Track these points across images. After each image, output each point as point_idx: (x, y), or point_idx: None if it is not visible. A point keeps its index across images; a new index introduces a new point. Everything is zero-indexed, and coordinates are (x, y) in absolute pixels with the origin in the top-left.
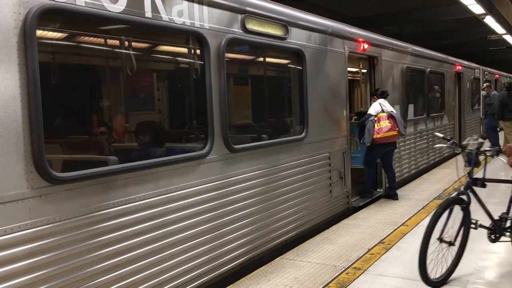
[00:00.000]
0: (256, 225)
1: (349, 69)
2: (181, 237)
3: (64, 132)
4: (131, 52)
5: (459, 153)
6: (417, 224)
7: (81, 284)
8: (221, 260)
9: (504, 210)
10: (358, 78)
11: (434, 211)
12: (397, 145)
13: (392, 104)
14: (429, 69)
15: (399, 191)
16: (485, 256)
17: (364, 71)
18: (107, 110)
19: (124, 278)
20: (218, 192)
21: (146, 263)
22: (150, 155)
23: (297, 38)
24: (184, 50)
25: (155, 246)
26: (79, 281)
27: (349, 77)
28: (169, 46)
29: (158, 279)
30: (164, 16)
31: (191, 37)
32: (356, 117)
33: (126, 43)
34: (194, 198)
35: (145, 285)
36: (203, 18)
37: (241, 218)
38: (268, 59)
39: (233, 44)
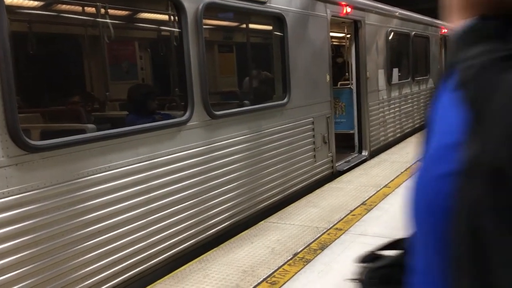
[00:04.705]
0: (240, 190)
1: (334, 34)
2: (165, 203)
3: (43, 102)
4: (108, 20)
5: None
6: (399, 186)
7: (62, 250)
8: (206, 224)
9: None
10: (345, 43)
11: None
12: (382, 109)
13: (377, 69)
14: (413, 33)
15: (383, 155)
16: None
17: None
18: (83, 78)
19: (107, 243)
20: (201, 158)
21: (130, 228)
22: (130, 122)
23: (277, 2)
24: (160, 16)
25: (138, 212)
26: (60, 247)
27: (334, 42)
28: (145, 13)
29: (142, 244)
30: None
31: (168, 2)
32: None
33: (102, 10)
34: (176, 164)
35: (129, 250)
36: None
37: (225, 183)
38: (248, 24)
39: (211, 9)
